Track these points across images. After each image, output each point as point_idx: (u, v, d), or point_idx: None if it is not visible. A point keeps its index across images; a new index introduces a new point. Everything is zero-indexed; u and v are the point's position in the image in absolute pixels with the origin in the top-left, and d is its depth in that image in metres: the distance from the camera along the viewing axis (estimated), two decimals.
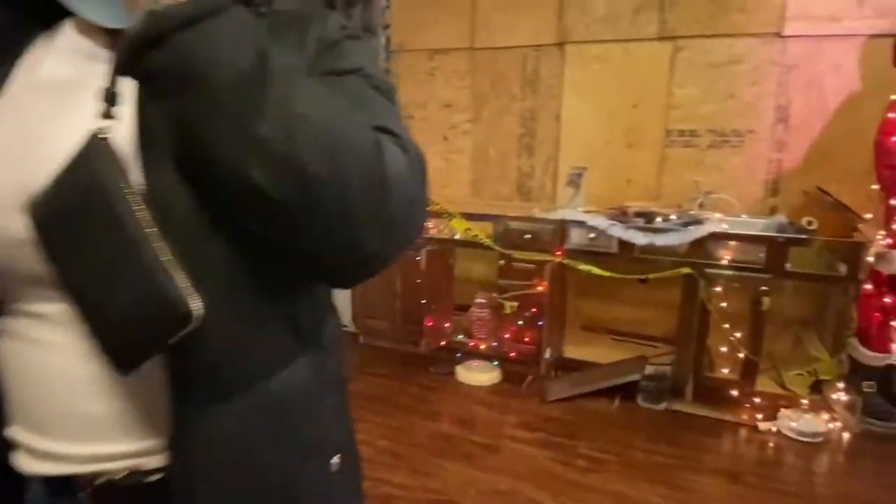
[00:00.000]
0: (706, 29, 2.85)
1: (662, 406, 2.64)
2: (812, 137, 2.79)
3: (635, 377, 2.68)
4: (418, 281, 3.01)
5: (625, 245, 2.67)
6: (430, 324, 3.08)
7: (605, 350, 3.03)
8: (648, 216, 2.75)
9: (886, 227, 2.36)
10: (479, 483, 2.14)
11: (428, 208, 0.59)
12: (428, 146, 3.56)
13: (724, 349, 2.56)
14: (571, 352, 3.04)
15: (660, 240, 2.55)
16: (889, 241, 2.39)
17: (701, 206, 2.85)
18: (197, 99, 0.43)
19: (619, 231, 2.64)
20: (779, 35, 2.73)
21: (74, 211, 0.47)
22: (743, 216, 2.84)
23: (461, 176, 3.61)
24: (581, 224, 2.76)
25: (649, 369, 2.70)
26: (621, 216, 2.81)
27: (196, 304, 0.46)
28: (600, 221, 2.69)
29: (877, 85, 2.59)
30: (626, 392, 2.70)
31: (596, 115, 3.17)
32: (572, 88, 3.19)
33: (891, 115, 2.33)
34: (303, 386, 0.60)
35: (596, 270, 2.73)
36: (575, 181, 2.95)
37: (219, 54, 0.42)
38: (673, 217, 2.68)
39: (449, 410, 2.67)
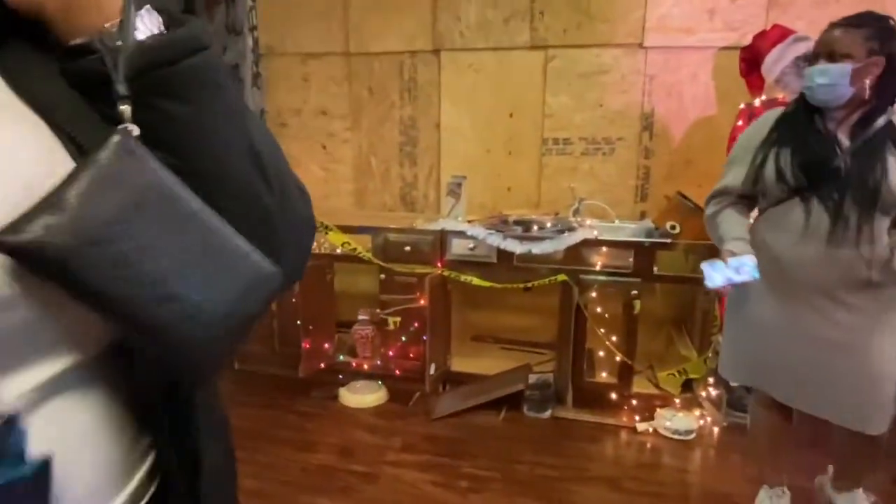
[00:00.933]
0: (574, 39, 2.89)
1: (547, 414, 2.62)
2: (674, 144, 2.92)
3: (519, 387, 2.64)
4: (294, 300, 2.81)
5: (504, 254, 2.63)
6: (308, 346, 2.88)
7: (494, 361, 2.98)
8: (526, 224, 2.74)
9: None
10: None
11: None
12: (305, 155, 3.37)
13: (602, 353, 2.58)
14: (459, 365, 2.97)
15: (536, 248, 2.53)
16: None
17: (576, 212, 2.89)
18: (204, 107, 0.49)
19: (497, 240, 2.59)
20: (640, 46, 2.83)
21: (126, 220, 0.42)
22: (616, 221, 2.92)
23: (343, 186, 3.45)
24: (461, 234, 2.69)
25: (533, 378, 2.68)
26: (501, 225, 2.78)
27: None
28: (479, 231, 2.64)
29: (730, 94, 2.75)
30: (513, 403, 2.66)
31: (474, 123, 3.13)
32: (450, 96, 3.13)
33: (739, 122, 2.46)
34: None
35: (477, 281, 2.67)
36: (455, 190, 2.89)
37: (216, 74, 0.50)
38: (549, 225, 2.69)
39: (328, 439, 2.49)
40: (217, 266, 0.46)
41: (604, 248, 2.54)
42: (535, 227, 2.67)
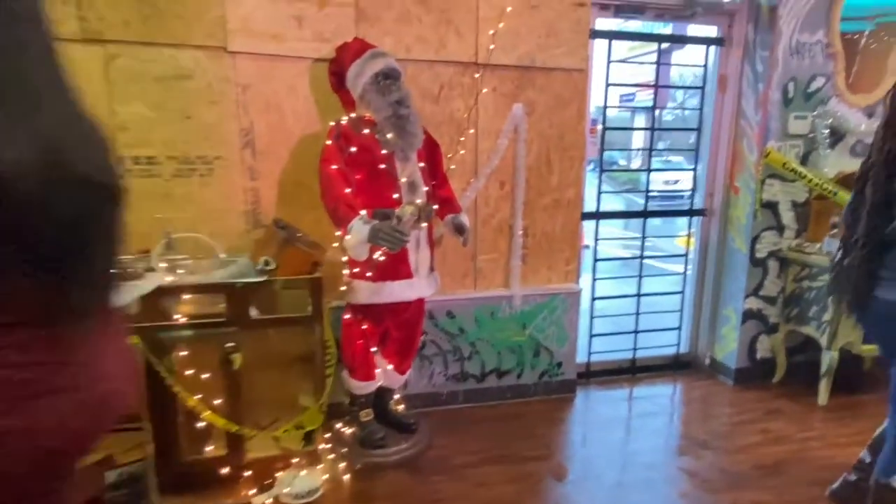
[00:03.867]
0: (141, 35, 2.32)
1: None
2: (281, 164, 2.60)
3: (92, 495, 1.96)
4: None
5: None
6: None
7: None
8: None
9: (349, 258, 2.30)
10: None
11: None
12: None
13: (202, 424, 2.09)
14: None
15: None
16: (352, 271, 2.34)
17: (169, 248, 2.34)
18: None
19: None
20: (226, 50, 2.42)
21: None
22: (223, 255, 2.46)
23: None
24: None
25: (113, 476, 2.03)
26: None
27: None
28: None
29: (333, 109, 2.56)
30: None
31: None
32: None
33: (328, 141, 2.26)
34: None
35: None
36: None
37: None
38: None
39: None
40: None
41: (185, 296, 2.05)
42: None
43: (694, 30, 3.53)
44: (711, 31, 3.33)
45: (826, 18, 3.07)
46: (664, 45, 3.51)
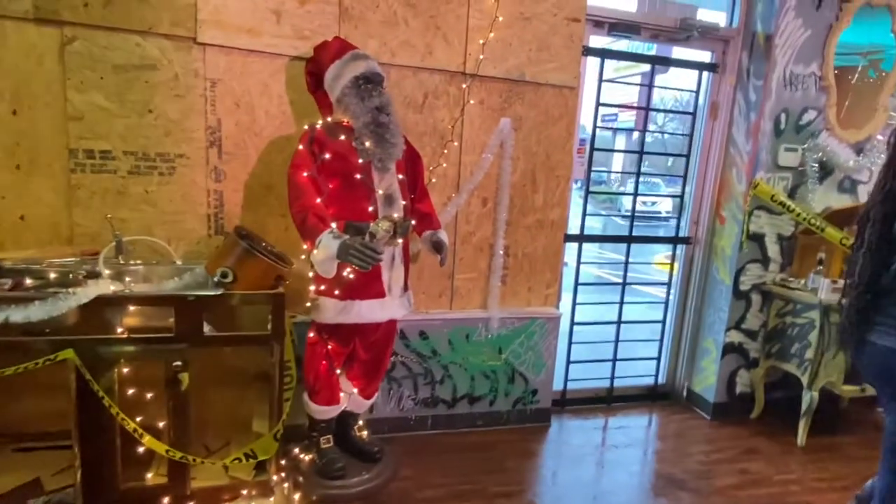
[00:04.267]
0: (102, 18, 2.13)
1: None
2: (249, 166, 2.43)
3: None
4: None
5: None
6: None
7: (6, 473, 1.99)
8: (22, 275, 1.86)
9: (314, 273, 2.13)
10: None
11: None
12: None
13: (142, 449, 1.88)
14: None
15: (18, 314, 1.68)
16: (319, 287, 2.17)
17: (119, 251, 2.14)
18: None
19: None
20: (195, 41, 2.24)
21: None
22: (179, 262, 2.27)
23: None
24: None
25: (39, 502, 1.81)
26: None
27: None
28: None
29: (309, 111, 2.39)
30: None
31: None
32: None
33: (300, 146, 2.09)
34: None
35: None
36: None
37: None
38: (53, 276, 1.86)
39: None
40: None
41: (131, 308, 1.85)
42: (29, 281, 1.82)
43: (679, 53, 3.45)
44: (704, 55, 3.26)
45: (820, 51, 3.02)
46: (646, 68, 3.43)
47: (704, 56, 3.25)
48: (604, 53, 2.99)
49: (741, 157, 3.17)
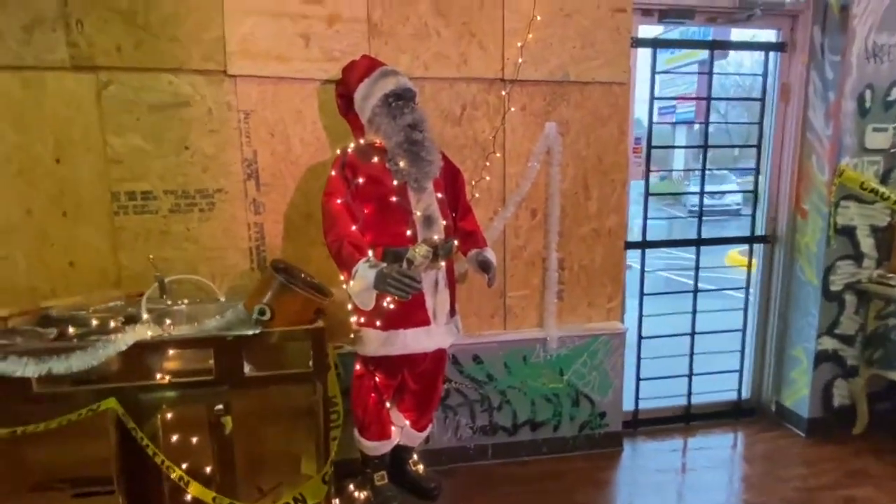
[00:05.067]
0: (134, 60, 2.14)
1: None
2: (288, 196, 2.37)
3: None
4: None
5: (15, 381, 1.69)
6: None
7: None
8: (67, 324, 1.85)
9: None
10: None
11: None
12: None
13: (189, 497, 1.82)
14: None
15: (60, 365, 1.66)
16: (359, 319, 2.06)
17: (163, 291, 2.12)
18: None
19: None
20: (226, 73, 2.21)
21: None
22: (222, 298, 2.23)
23: None
24: None
25: None
26: (37, 325, 1.84)
27: None
28: None
29: (341, 136, 2.31)
30: None
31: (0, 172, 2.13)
32: None
33: (333, 172, 2.00)
34: None
35: None
36: None
37: None
38: (94, 323, 1.85)
39: None
40: None
41: (171, 352, 1.80)
42: (72, 330, 1.81)
43: (738, 35, 3.14)
44: (770, 35, 2.95)
45: None
46: (703, 55, 3.14)
47: (770, 35, 2.95)
48: (655, 43, 2.76)
49: (821, 143, 2.83)
